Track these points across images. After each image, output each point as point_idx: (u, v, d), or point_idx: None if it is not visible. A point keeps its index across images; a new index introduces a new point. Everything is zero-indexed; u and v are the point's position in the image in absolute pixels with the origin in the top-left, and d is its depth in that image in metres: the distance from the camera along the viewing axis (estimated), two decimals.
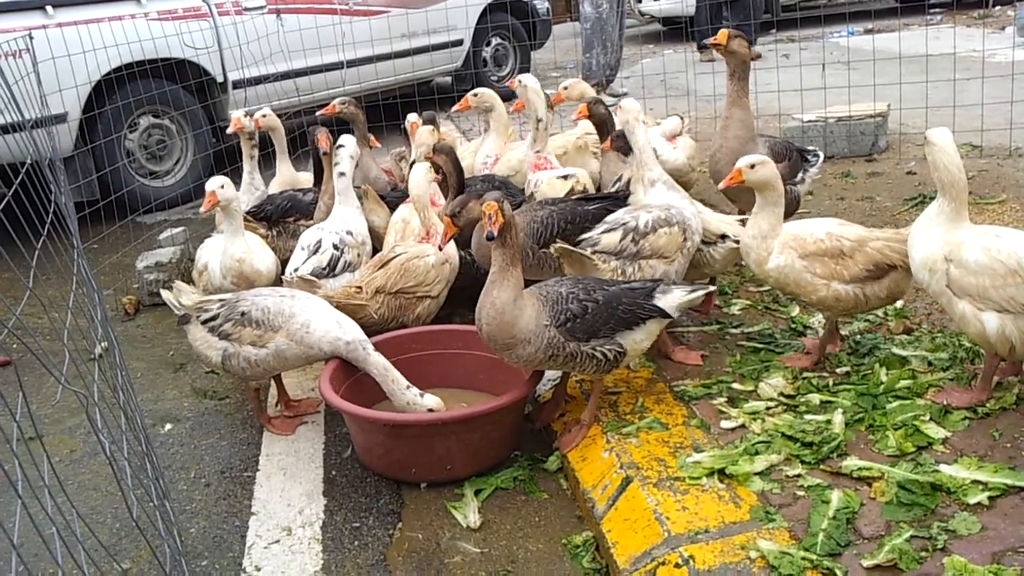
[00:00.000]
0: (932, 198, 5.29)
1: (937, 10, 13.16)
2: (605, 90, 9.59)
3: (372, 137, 5.57)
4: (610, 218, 3.84)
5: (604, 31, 9.33)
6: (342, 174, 4.44)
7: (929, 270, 3.10)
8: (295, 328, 3.51)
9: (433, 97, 8.50)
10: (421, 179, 4.17)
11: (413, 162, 4.94)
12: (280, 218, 5.04)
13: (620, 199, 4.04)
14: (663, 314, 3.34)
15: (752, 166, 3.45)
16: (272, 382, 4.08)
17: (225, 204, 4.17)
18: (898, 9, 10.27)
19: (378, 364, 3.46)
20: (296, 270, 4.15)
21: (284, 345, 3.52)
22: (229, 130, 5.37)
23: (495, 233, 3.05)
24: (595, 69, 9.44)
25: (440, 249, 3.79)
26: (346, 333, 3.50)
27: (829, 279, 3.44)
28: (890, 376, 3.45)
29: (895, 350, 3.65)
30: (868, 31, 11.35)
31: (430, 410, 3.40)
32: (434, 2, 9.50)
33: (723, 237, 3.99)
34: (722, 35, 4.52)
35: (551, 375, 3.81)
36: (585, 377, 3.69)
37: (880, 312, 4.01)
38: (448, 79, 10.52)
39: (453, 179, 4.40)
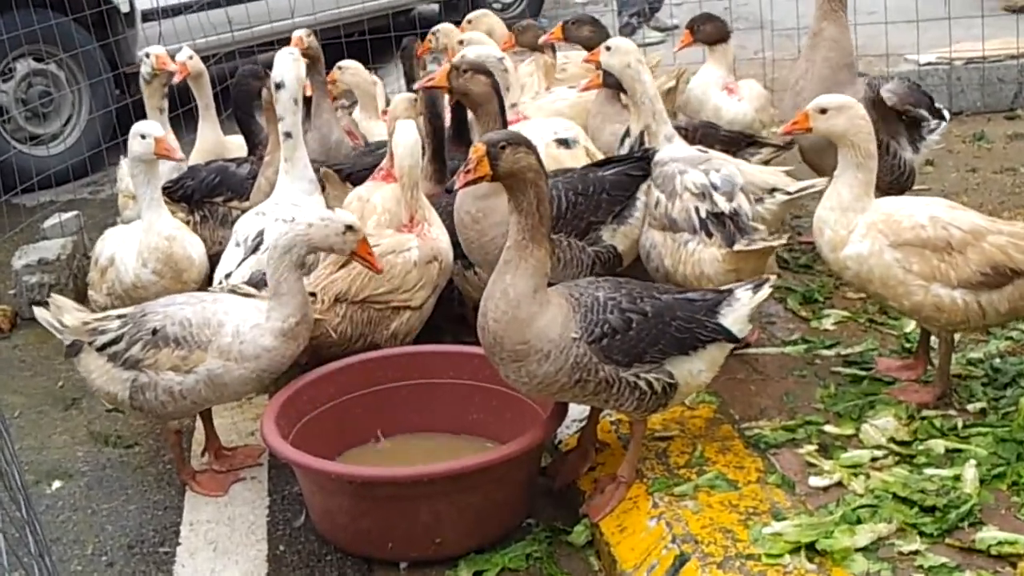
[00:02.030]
0: None
1: None
2: (649, 22, 9.59)
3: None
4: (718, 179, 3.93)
5: None
6: (288, 134, 4.44)
7: None
8: (227, 342, 3.52)
9: (415, 31, 8.51)
10: (413, 143, 4.16)
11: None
12: (206, 197, 5.06)
13: (643, 160, 4.08)
14: (730, 337, 3.34)
15: (823, 110, 3.41)
16: (198, 423, 4.09)
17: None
18: None
19: None
20: (228, 276, 4.15)
21: (219, 367, 3.53)
22: (176, 79, 5.30)
23: (456, 185, 3.06)
24: None
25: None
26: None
27: (929, 280, 3.44)
28: None
29: None
30: None
31: (347, 226, 3.50)
32: None
33: (772, 191, 4.10)
34: None
35: (576, 413, 3.81)
36: (624, 416, 3.69)
37: None
38: (434, 7, 10.52)
39: (430, 133, 4.43)
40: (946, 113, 4.83)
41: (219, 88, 6.83)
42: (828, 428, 3.54)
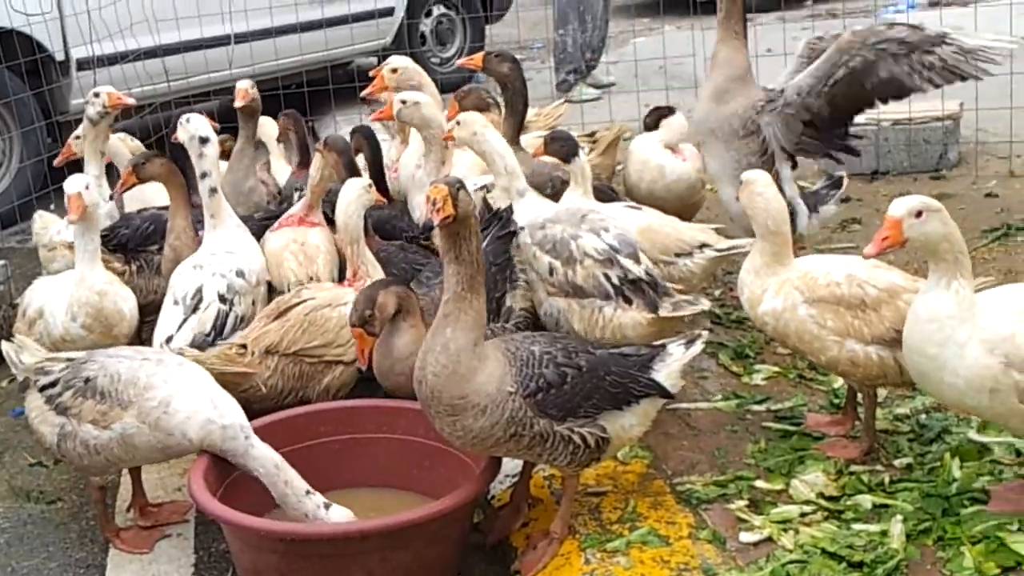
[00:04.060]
0: (1019, 229, 5.51)
1: None
2: (586, 79, 9.72)
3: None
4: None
5: (584, 1, 9.47)
6: (213, 190, 4.43)
7: None
8: (149, 406, 3.47)
9: (353, 84, 8.54)
10: (353, 199, 4.17)
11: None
12: (140, 246, 5.01)
13: (503, 220, 4.13)
14: (663, 392, 3.37)
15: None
16: (125, 478, 4.03)
17: (92, 211, 4.16)
18: None
19: (264, 460, 3.43)
20: (169, 339, 4.11)
21: (133, 428, 3.49)
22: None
23: (435, 223, 3.05)
24: (571, 50, 9.57)
25: (361, 372, 3.80)
26: (223, 415, 3.47)
27: (843, 336, 3.53)
28: (965, 471, 3.49)
29: (971, 435, 3.71)
30: (933, 4, 11.67)
31: None
32: None
33: (702, 246, 4.27)
34: None
35: (509, 468, 3.80)
36: (556, 471, 3.69)
37: None
38: (373, 60, 10.57)
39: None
40: (843, 177, 4.89)
41: (154, 138, 6.82)
42: (759, 483, 3.57)
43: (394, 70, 5.44)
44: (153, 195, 5.42)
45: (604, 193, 4.86)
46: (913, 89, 4.52)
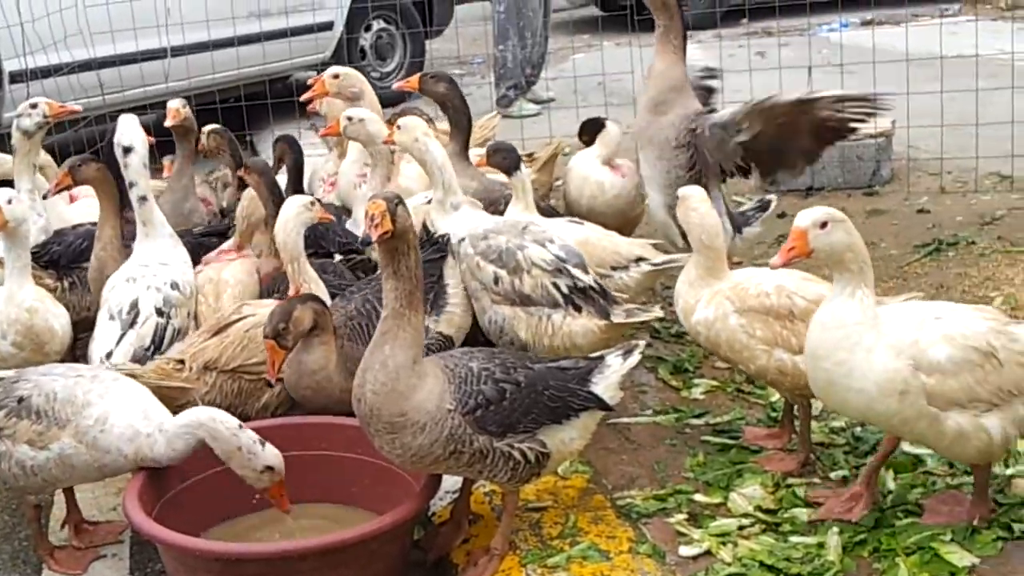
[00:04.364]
0: (950, 244, 5.62)
1: None
2: (526, 94, 9.76)
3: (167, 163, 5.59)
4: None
5: (523, 16, 9.52)
6: (143, 198, 4.38)
7: None
8: (86, 425, 3.42)
9: (292, 99, 8.50)
10: (292, 216, 4.14)
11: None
12: (73, 263, 4.93)
13: (436, 243, 4.15)
14: (602, 405, 3.38)
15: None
16: (59, 496, 3.96)
17: (14, 226, 4.08)
18: None
19: (189, 416, 3.40)
20: (109, 355, 4.05)
21: (71, 449, 3.43)
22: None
23: (373, 238, 3.03)
24: (511, 66, 9.61)
25: (271, 384, 3.79)
26: (150, 423, 3.44)
27: (772, 345, 3.59)
28: (900, 483, 3.55)
29: (905, 447, 3.75)
30: (866, 23, 11.87)
31: (268, 467, 3.37)
32: None
33: (639, 260, 4.36)
34: None
35: (449, 485, 3.79)
36: (497, 487, 3.68)
37: None
38: (311, 73, 10.52)
39: (270, 208, 4.52)
40: (772, 200, 4.95)
41: (88, 152, 6.72)
42: (698, 497, 3.59)
43: (336, 76, 5.45)
44: (78, 215, 5.36)
45: (544, 211, 4.90)
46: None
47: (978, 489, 3.33)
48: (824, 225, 3.14)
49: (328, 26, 10.01)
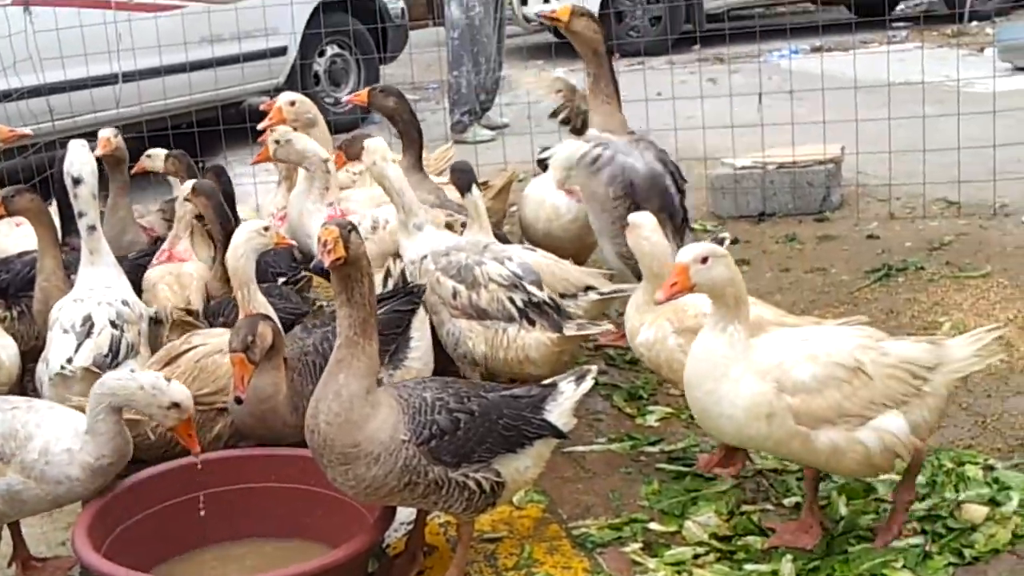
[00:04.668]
0: (899, 269, 5.69)
1: (901, 24, 14.10)
2: (480, 120, 9.79)
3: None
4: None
5: (477, 42, 9.56)
6: (91, 227, 4.32)
7: None
8: (31, 459, 3.36)
9: (245, 125, 8.47)
10: (243, 242, 4.10)
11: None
12: (21, 291, 4.86)
13: (411, 294, 4.13)
14: (556, 433, 3.38)
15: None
16: (5, 532, 3.88)
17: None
18: (852, 24, 10.93)
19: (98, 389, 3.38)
20: (70, 360, 3.99)
21: (19, 484, 3.36)
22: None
23: (325, 265, 3.01)
24: (465, 92, 9.64)
25: (240, 401, 3.63)
26: (78, 437, 3.39)
27: None
28: (852, 509, 3.57)
29: None
30: (815, 50, 12.03)
31: (174, 403, 3.36)
32: None
33: (587, 289, 4.42)
34: (563, 10, 4.82)
35: (404, 516, 3.76)
36: (452, 518, 3.66)
37: None
38: (264, 99, 10.49)
39: (217, 232, 4.49)
40: (726, 239, 4.95)
41: (38, 178, 6.65)
42: (653, 525, 3.60)
43: (292, 103, 5.45)
44: (22, 243, 5.28)
45: (497, 239, 4.92)
46: None
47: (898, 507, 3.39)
48: (705, 260, 3.21)
49: (282, 51, 9.99)
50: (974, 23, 13.80)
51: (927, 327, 4.97)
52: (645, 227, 3.92)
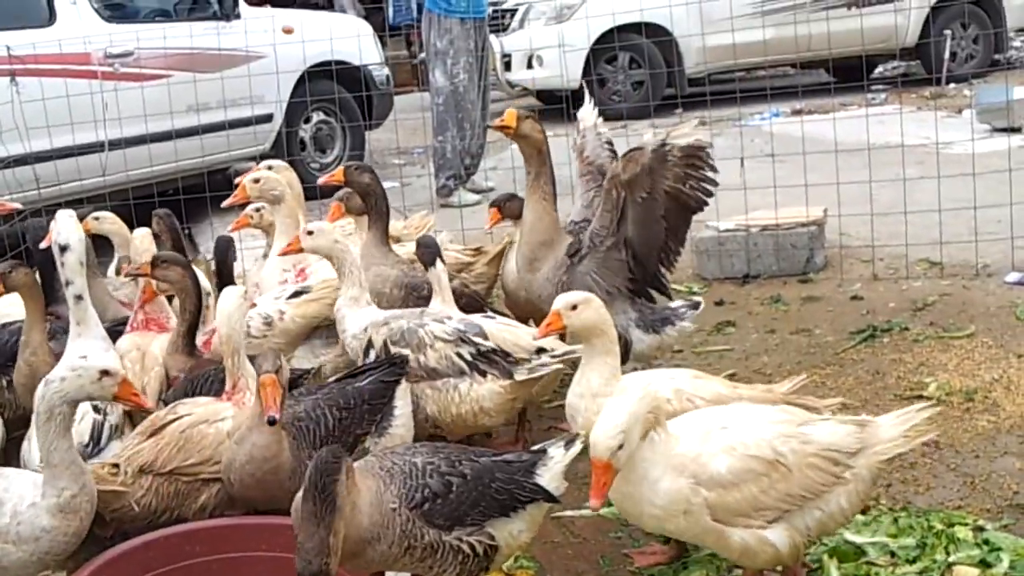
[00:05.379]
0: (884, 330, 5.71)
1: (880, 87, 14.29)
2: (465, 184, 9.85)
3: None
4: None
5: (462, 108, 9.65)
6: (78, 297, 4.32)
7: None
8: (4, 523, 3.33)
9: (230, 192, 8.51)
10: (233, 308, 4.08)
11: None
12: (9, 361, 4.83)
13: (395, 364, 4.10)
14: (548, 497, 3.36)
15: (574, 307, 3.64)
16: None
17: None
18: (831, 87, 11.09)
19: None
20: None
21: None
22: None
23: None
24: (450, 156, 9.71)
25: (273, 422, 3.52)
26: (36, 484, 3.37)
27: None
28: (843, 572, 3.56)
29: (848, 536, 3.76)
30: (796, 112, 12.18)
31: (103, 371, 3.35)
32: (232, 64, 9.61)
33: (540, 351, 4.36)
34: (510, 115, 4.92)
35: None
36: None
37: None
38: (251, 164, 10.56)
39: (190, 301, 4.45)
40: (700, 304, 4.90)
41: (23, 247, 6.65)
42: None
43: (256, 180, 5.53)
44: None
45: (469, 296, 5.08)
46: (693, 200, 4.62)
47: None
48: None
49: (267, 118, 10.07)
50: (952, 85, 14.00)
51: (912, 388, 4.98)
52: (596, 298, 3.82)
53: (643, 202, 4.54)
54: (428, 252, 4.68)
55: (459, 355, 4.24)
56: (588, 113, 5.92)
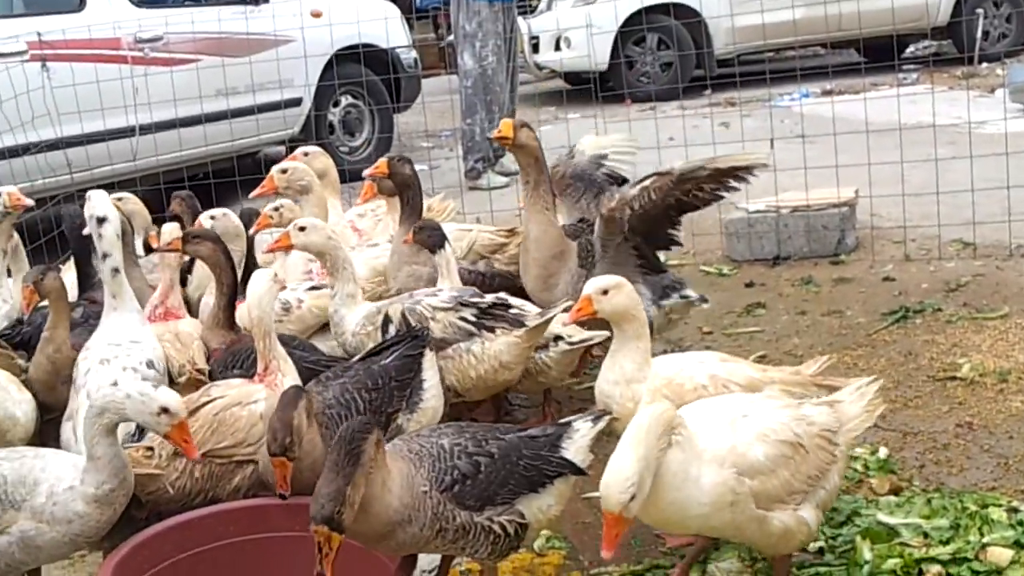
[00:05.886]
0: (916, 311, 5.68)
1: (911, 67, 14.17)
2: (494, 167, 9.85)
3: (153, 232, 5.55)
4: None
5: (490, 91, 9.63)
6: (115, 270, 4.34)
7: None
8: (40, 503, 3.37)
9: (260, 175, 8.54)
10: (264, 292, 4.09)
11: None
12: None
13: (417, 337, 4.09)
14: (576, 470, 3.37)
15: (605, 291, 3.56)
16: None
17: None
18: (862, 67, 10.99)
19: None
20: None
21: (31, 529, 3.37)
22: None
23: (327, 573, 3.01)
24: (479, 139, 9.70)
25: (284, 497, 3.53)
26: (77, 470, 3.39)
27: None
28: (877, 553, 3.54)
29: (881, 517, 3.76)
30: (826, 93, 12.10)
31: (163, 408, 3.36)
32: (261, 49, 9.63)
33: (557, 339, 4.39)
34: (506, 126, 4.84)
35: (425, 564, 3.75)
36: (475, 564, 3.65)
37: (859, 465, 4.14)
38: (280, 149, 10.59)
39: (225, 275, 4.47)
40: (702, 300, 4.81)
41: (57, 231, 6.71)
42: (675, 573, 3.57)
43: (283, 171, 5.52)
44: None
45: (506, 279, 5.09)
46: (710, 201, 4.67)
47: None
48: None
49: (296, 102, 10.09)
50: (984, 64, 13.87)
51: (946, 369, 4.95)
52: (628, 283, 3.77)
53: (653, 209, 4.53)
54: (435, 235, 4.62)
55: (463, 319, 4.26)
56: (589, 143, 5.94)
